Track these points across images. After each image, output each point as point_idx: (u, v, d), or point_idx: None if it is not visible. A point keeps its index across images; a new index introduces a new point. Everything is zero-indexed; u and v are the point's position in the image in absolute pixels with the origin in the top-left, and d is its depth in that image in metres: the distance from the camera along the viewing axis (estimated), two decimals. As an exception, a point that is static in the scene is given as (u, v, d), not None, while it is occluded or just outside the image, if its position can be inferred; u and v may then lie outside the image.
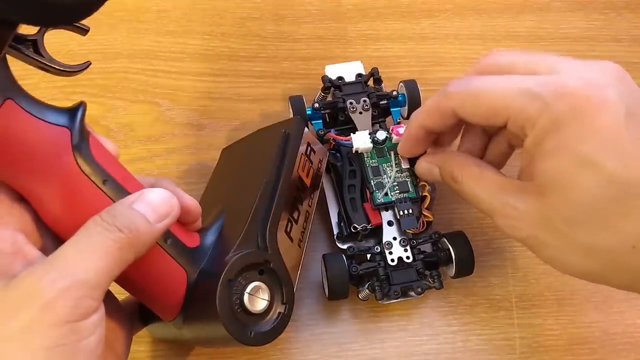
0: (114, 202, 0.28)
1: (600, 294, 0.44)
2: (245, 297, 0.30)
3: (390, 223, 0.41)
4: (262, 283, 0.30)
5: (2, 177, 0.27)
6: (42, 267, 0.24)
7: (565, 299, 0.43)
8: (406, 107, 0.45)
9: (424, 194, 0.41)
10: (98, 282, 0.25)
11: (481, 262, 0.44)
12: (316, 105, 0.44)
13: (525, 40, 0.55)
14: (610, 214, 0.27)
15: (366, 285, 0.40)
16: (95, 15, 0.55)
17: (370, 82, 0.46)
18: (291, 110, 0.45)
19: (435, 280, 0.40)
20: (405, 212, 0.40)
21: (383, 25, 0.55)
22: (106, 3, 0.25)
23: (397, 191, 0.41)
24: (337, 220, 0.43)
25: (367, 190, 0.41)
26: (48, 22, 0.25)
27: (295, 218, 0.36)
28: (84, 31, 0.29)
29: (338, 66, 0.47)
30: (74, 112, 0.28)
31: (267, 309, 0.31)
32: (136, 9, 0.54)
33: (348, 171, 0.42)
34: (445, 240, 0.40)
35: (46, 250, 0.27)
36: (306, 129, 0.39)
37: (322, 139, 0.43)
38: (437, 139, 0.38)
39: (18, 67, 0.27)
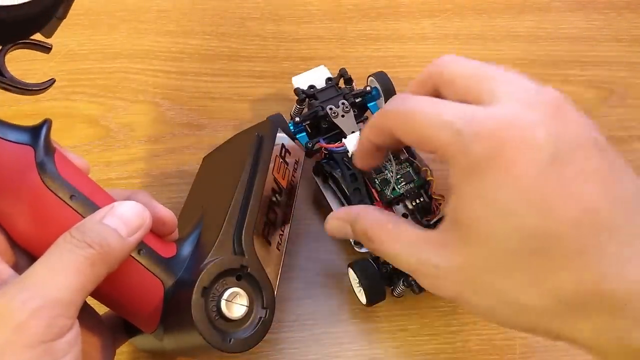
0: (84, 217, 0.28)
1: (600, 294, 0.43)
2: (223, 303, 0.29)
3: (405, 215, 0.41)
4: (239, 289, 0.30)
5: None
6: (14, 287, 0.24)
7: (565, 299, 0.43)
8: (382, 99, 0.45)
9: (428, 178, 0.41)
10: (71, 300, 0.24)
11: (481, 262, 0.44)
12: (297, 119, 0.43)
13: (525, 40, 0.55)
14: (534, 268, 0.25)
15: (400, 281, 0.40)
16: (96, 15, 0.55)
17: (341, 83, 0.45)
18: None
19: None
20: (417, 201, 0.41)
21: (383, 25, 0.55)
22: (106, 3, 0.25)
23: (403, 183, 0.41)
24: None
25: (374, 190, 0.41)
26: None
27: (273, 221, 0.36)
28: (46, 49, 0.29)
29: (304, 75, 0.46)
30: (37, 130, 0.28)
31: (247, 315, 0.30)
32: (136, 9, 0.54)
33: (348, 176, 0.41)
34: None
35: (19, 268, 0.27)
36: (280, 131, 0.39)
37: (312, 151, 0.43)
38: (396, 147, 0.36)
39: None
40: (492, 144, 0.25)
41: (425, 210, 0.40)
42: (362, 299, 0.40)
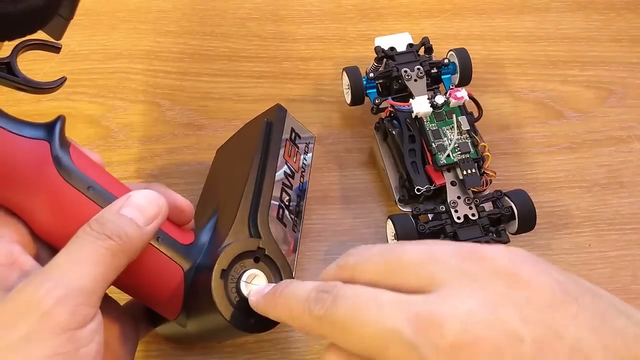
0: (101, 207, 0.28)
1: (600, 293, 0.44)
2: (242, 285, 0.30)
3: (453, 183, 0.43)
4: (258, 270, 0.30)
5: None
6: (39, 277, 0.25)
7: (564, 298, 0.43)
8: (457, 75, 0.47)
9: (485, 154, 0.43)
10: (94, 289, 0.25)
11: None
12: (371, 74, 0.46)
13: (525, 40, 0.55)
14: None
15: None
16: (96, 15, 0.55)
17: (421, 52, 0.48)
18: (347, 81, 0.47)
19: (502, 235, 0.41)
20: (469, 171, 0.42)
21: (383, 25, 0.55)
22: (107, 3, 0.25)
23: (459, 152, 0.43)
24: (397, 185, 0.45)
25: (429, 153, 0.43)
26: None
27: (287, 203, 0.36)
28: (56, 49, 0.30)
29: (388, 38, 0.48)
30: (52, 125, 0.29)
31: None
32: (136, 9, 0.54)
33: (407, 136, 0.44)
34: (507, 198, 0.42)
35: (41, 260, 0.28)
36: (289, 114, 0.40)
37: (378, 108, 0.45)
38: None
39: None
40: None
41: (475, 182, 0.42)
42: None
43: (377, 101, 0.45)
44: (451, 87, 0.47)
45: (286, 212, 0.36)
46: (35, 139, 0.28)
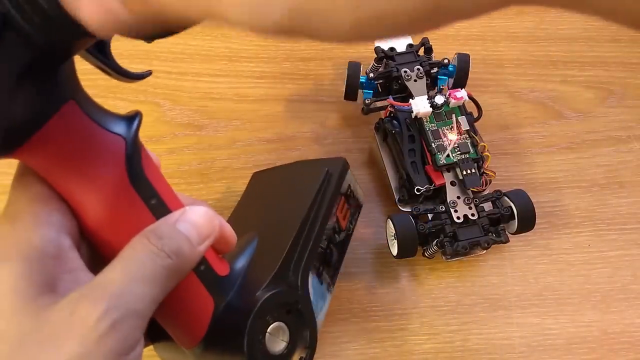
0: (156, 219, 0.27)
1: (599, 293, 0.44)
2: (267, 337, 0.29)
3: (453, 183, 0.43)
4: (283, 324, 0.30)
5: (49, 177, 0.25)
6: (95, 292, 0.23)
7: (564, 298, 0.43)
8: (452, 79, 0.47)
9: (484, 154, 0.43)
10: (147, 312, 0.24)
11: (480, 261, 0.45)
12: (371, 75, 0.46)
13: (524, 40, 0.55)
14: None
15: (434, 242, 0.41)
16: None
17: (421, 52, 0.48)
18: (346, 75, 0.46)
19: (501, 235, 0.41)
20: (468, 171, 0.42)
21: (383, 25, 0.55)
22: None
23: (459, 152, 0.43)
24: (397, 185, 0.45)
25: (429, 153, 0.43)
26: None
27: (328, 260, 0.36)
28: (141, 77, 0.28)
29: None
30: (130, 120, 0.27)
31: (287, 352, 0.30)
32: (137, 9, 0.54)
33: (407, 136, 0.44)
34: (507, 198, 0.42)
35: (81, 255, 0.26)
36: (350, 172, 0.39)
37: (368, 108, 0.45)
38: None
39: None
40: None
41: (475, 182, 0.42)
42: (394, 250, 0.42)
43: (367, 101, 0.45)
44: (442, 87, 0.47)
45: (325, 270, 0.35)
46: (113, 133, 0.26)
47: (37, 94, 0.23)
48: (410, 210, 0.42)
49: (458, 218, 0.41)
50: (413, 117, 0.44)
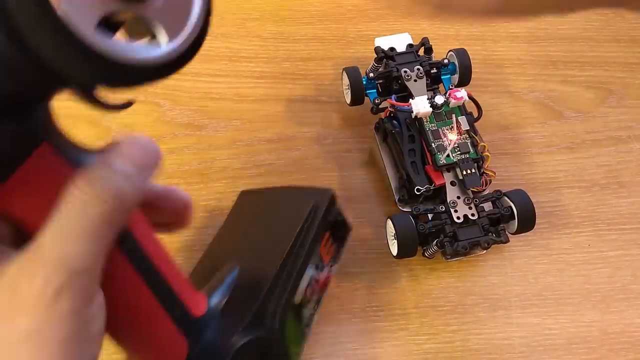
0: (135, 265, 0.25)
1: (599, 293, 0.44)
2: None
3: (453, 183, 0.43)
4: None
5: (23, 222, 0.24)
6: (30, 264, 0.22)
7: (564, 298, 0.43)
8: (457, 75, 0.47)
9: (484, 154, 0.43)
10: (94, 266, 0.23)
11: (480, 261, 0.45)
12: (371, 75, 0.46)
13: (524, 40, 0.55)
14: None
15: (434, 242, 0.42)
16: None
17: (421, 52, 0.48)
18: (347, 81, 0.47)
19: (501, 235, 0.41)
20: (468, 171, 0.42)
21: (383, 26, 0.55)
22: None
23: (459, 152, 0.43)
24: (397, 185, 0.45)
25: (429, 153, 0.43)
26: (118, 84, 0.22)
27: (309, 298, 0.35)
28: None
29: (388, 38, 0.48)
30: None
31: None
32: (137, 9, 0.54)
33: (407, 136, 0.44)
34: (507, 198, 0.42)
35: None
36: (336, 205, 0.37)
37: (377, 108, 0.46)
38: None
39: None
40: None
41: (475, 182, 0.42)
42: (394, 250, 0.42)
43: (377, 101, 0.46)
44: (451, 87, 0.47)
45: (305, 308, 0.34)
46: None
47: (7, 137, 0.22)
48: (410, 210, 0.42)
49: (458, 218, 0.41)
50: (413, 117, 0.44)
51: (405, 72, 0.45)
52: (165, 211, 0.28)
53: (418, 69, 0.46)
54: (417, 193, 0.43)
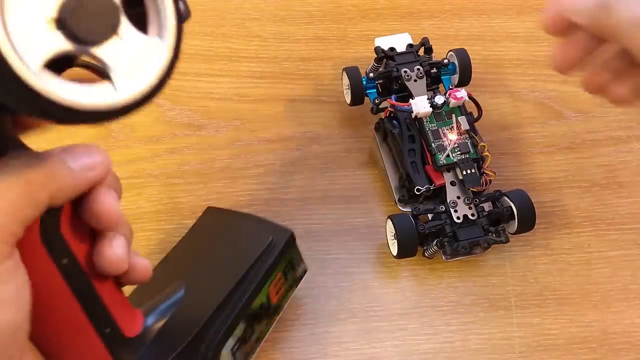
0: (66, 280, 0.25)
1: (599, 293, 0.44)
2: None
3: (453, 183, 0.43)
4: None
5: None
6: None
7: (564, 298, 0.43)
8: (457, 75, 0.47)
9: (484, 154, 0.43)
10: (3, 222, 0.22)
11: (480, 261, 0.45)
12: (371, 75, 0.46)
13: (524, 40, 0.55)
14: None
15: (434, 242, 0.42)
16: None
17: (421, 52, 0.48)
18: (347, 81, 0.46)
19: (501, 235, 0.41)
20: (468, 171, 0.42)
21: (383, 26, 0.55)
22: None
23: (459, 152, 0.43)
24: (397, 185, 0.45)
25: (429, 153, 0.43)
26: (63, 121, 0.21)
27: (248, 337, 0.34)
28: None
29: (388, 38, 0.48)
30: None
31: None
32: (137, 9, 0.54)
33: (407, 136, 0.44)
34: (507, 198, 0.42)
35: None
36: (295, 245, 0.37)
37: (377, 108, 0.46)
38: None
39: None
40: None
41: (475, 182, 0.42)
42: (394, 250, 0.42)
43: (377, 101, 0.46)
44: (451, 87, 0.47)
45: (242, 346, 0.33)
46: None
47: None
48: (410, 210, 0.42)
49: (458, 218, 0.41)
50: (413, 117, 0.44)
51: (405, 72, 0.45)
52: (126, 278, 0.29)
53: (418, 69, 0.46)
54: (417, 193, 0.43)
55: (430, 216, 0.43)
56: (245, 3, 0.56)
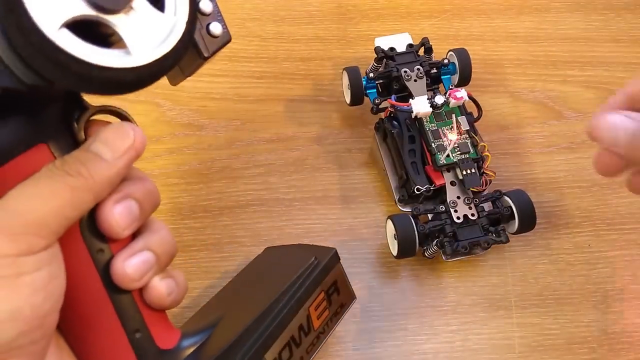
0: (98, 270, 0.26)
1: (599, 293, 0.44)
2: None
3: (452, 183, 0.43)
4: None
5: None
6: None
7: (564, 298, 0.43)
8: (457, 75, 0.47)
9: (484, 154, 0.43)
10: (44, 222, 0.23)
11: (480, 261, 0.45)
12: (371, 75, 0.46)
13: (524, 40, 0.55)
14: None
15: (434, 242, 0.42)
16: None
17: (421, 52, 0.48)
18: (347, 82, 0.46)
19: (501, 235, 0.41)
20: (468, 171, 0.42)
21: (383, 26, 0.55)
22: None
23: (459, 152, 0.43)
24: (397, 185, 0.45)
25: (429, 153, 0.43)
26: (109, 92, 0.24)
27: None
28: (123, 116, 0.29)
29: (388, 38, 0.48)
30: None
31: None
32: (137, 9, 0.54)
33: (407, 136, 0.44)
34: (507, 198, 0.42)
35: None
36: (340, 264, 0.35)
37: (377, 108, 0.45)
38: None
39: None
40: None
41: (475, 182, 0.42)
42: (394, 250, 0.42)
43: (377, 101, 0.46)
44: (451, 87, 0.47)
45: None
46: None
47: (6, 128, 0.23)
48: (410, 210, 0.42)
49: (458, 218, 0.41)
50: (413, 117, 0.44)
51: (405, 72, 0.45)
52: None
53: (418, 69, 0.46)
54: (417, 193, 0.43)
55: (430, 216, 0.43)
56: (245, 3, 0.56)
